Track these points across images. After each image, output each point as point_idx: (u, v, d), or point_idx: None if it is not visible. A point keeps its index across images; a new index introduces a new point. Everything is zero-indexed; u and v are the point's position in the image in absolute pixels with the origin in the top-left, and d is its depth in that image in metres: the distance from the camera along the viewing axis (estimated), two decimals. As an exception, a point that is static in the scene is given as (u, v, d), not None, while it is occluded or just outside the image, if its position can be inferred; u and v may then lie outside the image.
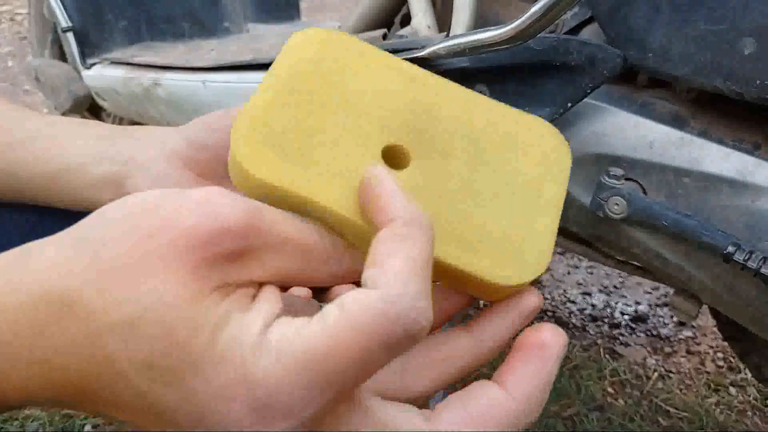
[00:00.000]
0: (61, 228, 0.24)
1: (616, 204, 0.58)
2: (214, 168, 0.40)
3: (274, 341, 0.21)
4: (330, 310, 0.21)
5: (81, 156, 0.40)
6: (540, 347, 0.24)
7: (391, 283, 0.21)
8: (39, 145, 0.41)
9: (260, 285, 0.23)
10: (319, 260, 0.24)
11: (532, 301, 0.26)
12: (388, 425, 0.22)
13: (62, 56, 1.33)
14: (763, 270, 0.51)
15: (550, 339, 0.24)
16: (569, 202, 0.64)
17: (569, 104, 0.57)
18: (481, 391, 0.23)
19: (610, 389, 1.10)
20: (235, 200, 0.22)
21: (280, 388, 0.20)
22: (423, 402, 0.25)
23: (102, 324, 0.21)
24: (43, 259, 0.22)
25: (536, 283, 1.37)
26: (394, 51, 0.65)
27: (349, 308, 0.21)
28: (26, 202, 0.43)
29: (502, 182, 0.28)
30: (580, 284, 1.39)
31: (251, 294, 0.23)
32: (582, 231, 0.66)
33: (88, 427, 1.03)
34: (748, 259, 0.51)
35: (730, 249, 0.52)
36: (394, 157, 0.28)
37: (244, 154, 0.25)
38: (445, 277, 0.26)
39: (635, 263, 0.72)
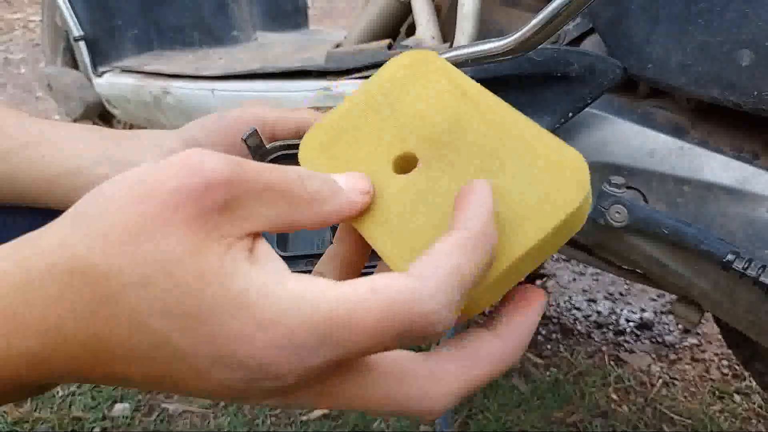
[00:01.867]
0: None
1: (618, 212, 0.58)
2: None
3: (294, 291, 0.22)
4: (362, 282, 0.22)
5: (79, 159, 0.42)
6: (526, 302, 0.27)
7: (429, 282, 0.22)
8: (38, 149, 0.42)
9: (254, 239, 0.24)
10: (303, 203, 0.25)
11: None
12: (401, 370, 0.24)
13: (74, 64, 1.36)
14: (762, 278, 0.51)
15: (534, 296, 0.27)
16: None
17: (570, 114, 0.58)
18: (475, 334, 0.26)
19: (614, 396, 1.11)
20: (213, 155, 0.23)
21: (296, 333, 0.22)
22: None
23: (115, 284, 0.22)
24: (45, 238, 0.24)
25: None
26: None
27: (380, 287, 0.22)
28: (27, 206, 0.44)
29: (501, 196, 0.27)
30: (586, 291, 1.40)
31: (248, 247, 0.24)
32: (584, 239, 0.67)
33: (96, 430, 1.04)
34: (747, 267, 0.52)
35: (730, 257, 0.52)
36: (406, 165, 0.30)
37: (301, 154, 0.31)
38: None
39: (637, 270, 0.72)
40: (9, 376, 0.23)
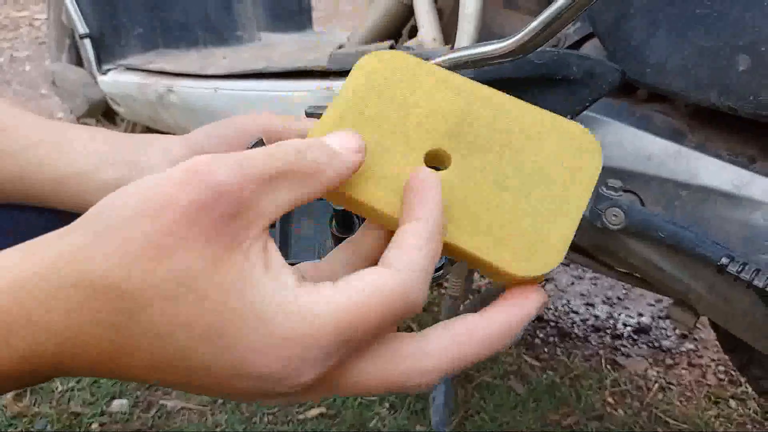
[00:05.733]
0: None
1: (614, 215, 0.59)
2: None
3: (306, 305, 0.24)
4: (359, 283, 0.25)
5: (88, 162, 0.42)
6: (522, 296, 0.28)
7: (411, 271, 0.26)
8: (47, 150, 0.42)
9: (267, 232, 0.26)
10: (306, 178, 0.26)
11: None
12: (393, 351, 0.26)
13: (79, 61, 1.36)
14: (755, 282, 0.52)
15: (533, 293, 0.28)
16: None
17: (569, 117, 0.58)
18: (463, 316, 0.27)
19: (610, 399, 1.11)
20: (218, 161, 0.24)
21: (312, 346, 0.24)
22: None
23: (139, 301, 0.23)
24: (65, 248, 0.24)
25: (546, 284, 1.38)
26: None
27: (375, 284, 0.25)
28: (34, 205, 0.45)
29: (532, 181, 0.30)
30: (584, 295, 1.40)
31: (263, 246, 0.25)
32: (581, 241, 0.68)
33: (95, 425, 1.05)
34: (742, 270, 0.52)
35: (724, 261, 0.53)
36: (436, 160, 0.31)
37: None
38: (466, 260, 0.29)
39: (635, 274, 0.73)
40: (20, 372, 0.24)
